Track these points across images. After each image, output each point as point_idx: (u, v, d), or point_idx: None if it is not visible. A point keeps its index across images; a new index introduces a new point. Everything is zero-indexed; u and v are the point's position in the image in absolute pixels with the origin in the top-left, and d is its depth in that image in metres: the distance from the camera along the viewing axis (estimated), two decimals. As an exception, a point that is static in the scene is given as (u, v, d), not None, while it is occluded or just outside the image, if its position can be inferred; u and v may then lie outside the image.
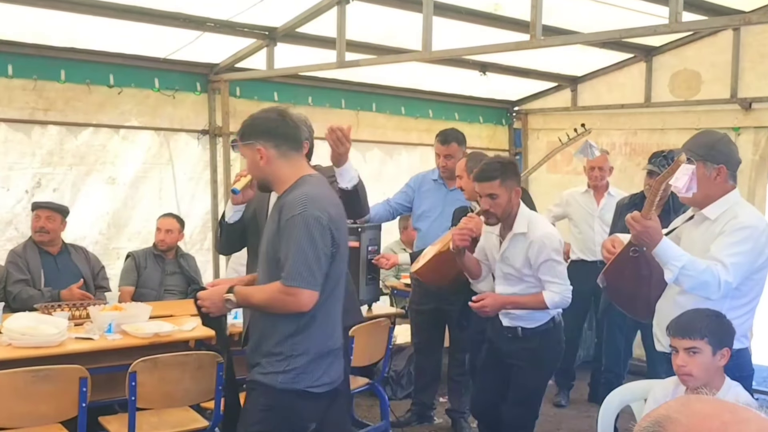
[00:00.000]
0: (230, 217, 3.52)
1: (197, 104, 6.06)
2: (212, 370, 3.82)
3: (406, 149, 7.28)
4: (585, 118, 5.36)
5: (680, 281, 2.86)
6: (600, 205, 5.87)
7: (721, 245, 2.92)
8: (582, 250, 5.90)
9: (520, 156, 8.02)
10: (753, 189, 6.07)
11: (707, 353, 2.69)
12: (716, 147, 3.10)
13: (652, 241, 2.85)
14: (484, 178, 3.75)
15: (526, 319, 3.96)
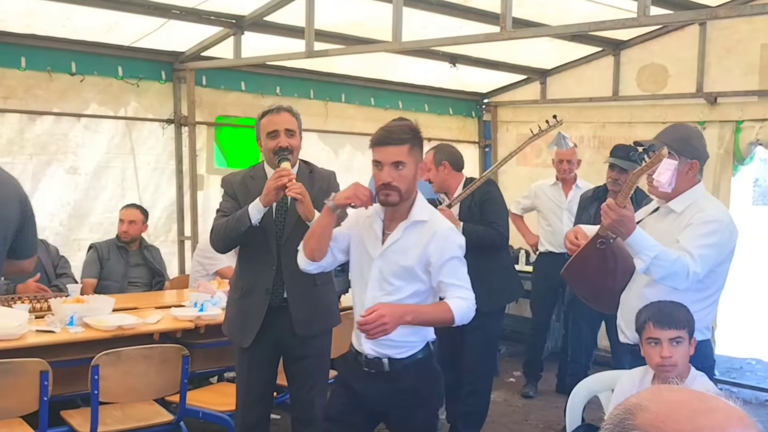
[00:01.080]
0: (257, 219, 3.40)
1: (162, 93, 6.00)
2: (177, 363, 3.79)
3: (374, 141, 7.26)
4: (554, 110, 5.40)
5: (651, 271, 2.89)
6: (568, 198, 5.93)
7: (690, 237, 2.96)
8: (550, 242, 5.95)
9: (489, 148, 8.06)
10: (717, 183, 6.16)
11: (686, 342, 2.76)
12: (691, 142, 3.13)
13: (627, 230, 2.88)
14: (392, 140, 2.85)
15: (397, 345, 2.94)
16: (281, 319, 3.50)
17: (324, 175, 3.60)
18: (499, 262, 4.56)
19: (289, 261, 3.38)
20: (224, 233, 3.45)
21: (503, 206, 4.59)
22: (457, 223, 4.39)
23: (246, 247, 3.58)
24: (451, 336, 4.64)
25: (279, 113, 3.44)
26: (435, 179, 4.53)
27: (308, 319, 3.53)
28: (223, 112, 6.29)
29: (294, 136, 3.44)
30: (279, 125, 3.42)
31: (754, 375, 6.94)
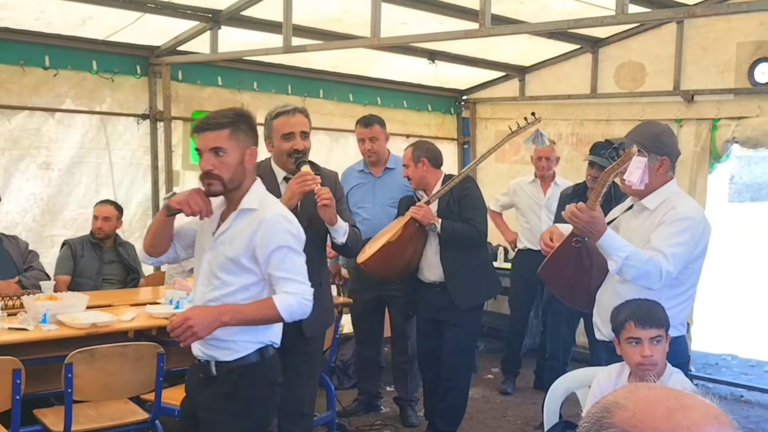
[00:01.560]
0: None
1: (137, 88, 5.94)
2: (152, 361, 3.76)
3: (353, 136, 7.23)
4: (533, 107, 5.42)
5: (624, 272, 2.92)
6: (547, 195, 5.96)
7: (662, 236, 2.99)
8: (529, 239, 5.98)
9: (468, 145, 8.09)
10: (694, 180, 6.22)
11: (665, 341, 2.77)
12: (661, 138, 3.16)
13: (597, 233, 2.90)
14: (209, 126, 2.75)
15: (224, 346, 2.76)
16: (290, 323, 3.48)
17: (330, 176, 3.61)
18: (478, 259, 4.58)
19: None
20: None
21: (482, 203, 4.61)
22: (436, 219, 4.41)
23: None
24: (429, 332, 4.66)
25: (294, 115, 3.45)
26: (413, 176, 4.54)
27: (315, 320, 3.53)
28: (199, 107, 6.25)
29: (308, 138, 3.47)
30: (295, 127, 3.43)
31: (730, 371, 7.01)
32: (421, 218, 4.42)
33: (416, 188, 4.60)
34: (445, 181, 4.51)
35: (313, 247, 3.51)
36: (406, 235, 4.43)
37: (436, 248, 4.49)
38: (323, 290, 3.64)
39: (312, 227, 3.47)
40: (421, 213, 4.42)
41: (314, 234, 3.49)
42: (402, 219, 4.53)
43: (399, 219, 4.59)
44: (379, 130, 5.11)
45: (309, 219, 3.44)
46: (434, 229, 4.43)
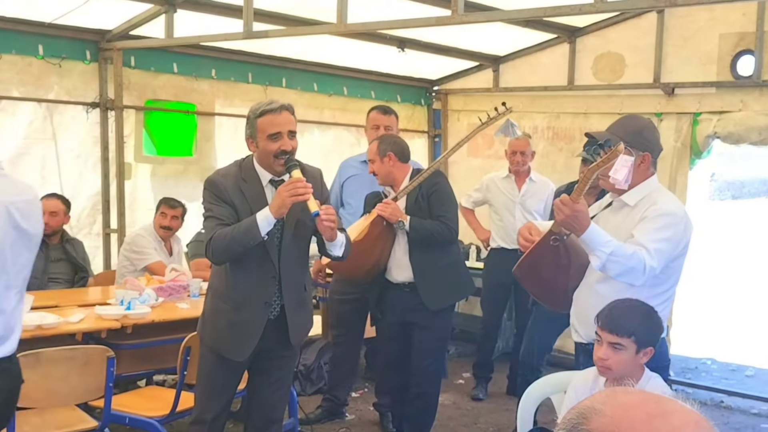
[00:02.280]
0: (267, 232, 3.35)
1: (86, 74, 5.87)
2: (101, 365, 3.72)
3: (318, 128, 7.27)
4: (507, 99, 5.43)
5: (608, 268, 2.94)
6: (521, 191, 5.98)
7: (644, 231, 3.02)
8: (502, 238, 6.01)
9: (439, 138, 8.11)
10: (674, 176, 6.29)
11: (630, 351, 2.76)
12: (643, 134, 3.19)
13: (581, 227, 2.93)
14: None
15: None
16: (275, 330, 3.53)
17: (315, 175, 3.58)
18: (449, 258, 4.58)
19: (288, 271, 3.46)
20: (229, 246, 3.36)
21: (452, 199, 4.61)
22: (404, 216, 4.41)
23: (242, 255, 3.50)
24: (397, 336, 4.66)
25: (281, 113, 3.39)
26: (379, 171, 4.53)
27: (302, 326, 3.64)
28: (153, 95, 6.21)
29: (295, 137, 3.43)
30: (282, 126, 3.38)
31: (710, 375, 7.11)
32: (388, 216, 4.41)
33: (383, 184, 4.59)
34: (414, 176, 4.51)
35: (298, 252, 3.54)
36: (373, 233, 4.43)
37: (404, 247, 4.49)
38: (307, 295, 3.67)
39: (298, 232, 3.49)
40: (388, 210, 4.41)
41: (299, 239, 3.52)
42: (368, 217, 4.52)
43: (365, 217, 4.58)
44: (396, 122, 5.21)
45: (295, 224, 3.44)
46: (402, 227, 4.43)
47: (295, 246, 3.50)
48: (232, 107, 6.61)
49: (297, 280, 3.54)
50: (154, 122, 6.35)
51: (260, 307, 3.48)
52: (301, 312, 3.60)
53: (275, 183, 3.45)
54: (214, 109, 6.59)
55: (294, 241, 3.48)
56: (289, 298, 3.52)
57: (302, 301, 3.61)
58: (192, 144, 6.53)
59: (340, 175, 5.42)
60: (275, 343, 3.56)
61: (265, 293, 3.47)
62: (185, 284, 5.00)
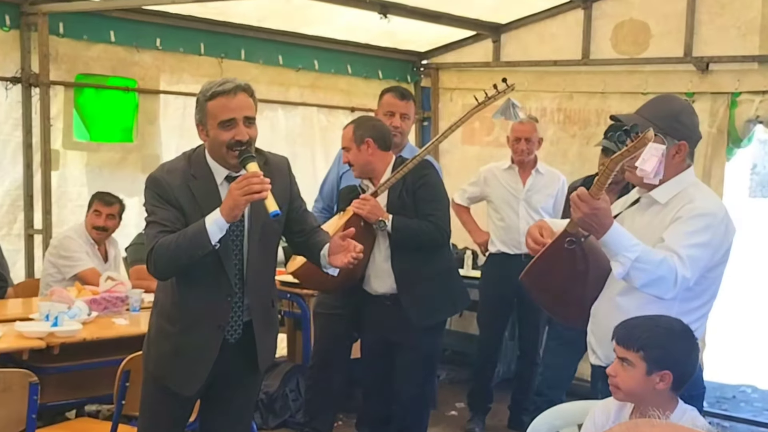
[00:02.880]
0: (218, 239, 3.29)
1: (5, 44, 5.83)
2: (22, 392, 3.70)
3: (283, 109, 7.26)
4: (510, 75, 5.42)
5: (632, 276, 2.91)
6: (526, 185, 5.98)
7: (677, 234, 3.00)
8: (503, 241, 6.00)
9: (428, 121, 8.11)
10: (708, 168, 6.29)
11: (639, 370, 2.74)
12: (680, 118, 3.17)
13: (601, 227, 2.90)
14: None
15: None
16: (238, 353, 3.50)
17: (280, 166, 3.56)
18: (438, 264, 4.57)
19: (254, 286, 3.45)
20: (173, 258, 3.30)
21: (443, 194, 4.60)
22: (385, 215, 4.39)
23: (192, 267, 3.42)
24: (378, 357, 4.64)
25: (235, 95, 3.31)
26: (356, 161, 4.51)
27: (270, 350, 3.67)
28: (85, 69, 6.17)
29: (253, 124, 3.37)
30: (236, 112, 3.30)
31: (750, 406, 7.13)
32: (366, 214, 4.40)
33: (360, 176, 4.58)
34: (397, 167, 4.50)
35: (265, 262, 3.53)
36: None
37: (385, 252, 4.49)
38: (275, 311, 3.67)
39: (265, 240, 3.47)
40: (366, 208, 4.40)
41: (267, 247, 3.51)
42: (342, 215, 4.51)
43: (339, 215, 4.57)
44: (414, 108, 5.23)
45: (261, 229, 3.42)
46: (383, 227, 4.42)
47: (262, 256, 3.49)
48: (180, 84, 6.58)
49: (264, 295, 3.53)
50: (87, 101, 6.32)
51: (212, 331, 3.43)
52: (269, 332, 3.62)
53: (232, 180, 3.37)
54: (159, 86, 6.55)
55: (261, 250, 3.47)
56: (256, 316, 3.50)
57: (270, 319, 3.62)
58: (132, 127, 6.50)
59: (338, 165, 5.36)
60: (236, 368, 3.54)
61: (218, 314, 3.43)
62: (123, 295, 4.97)
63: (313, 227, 3.69)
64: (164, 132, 6.57)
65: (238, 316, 3.47)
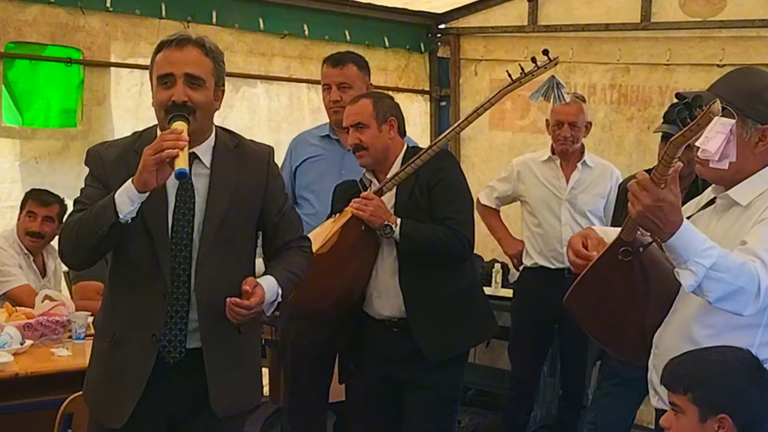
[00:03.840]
0: (128, 213, 3.28)
1: None
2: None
3: (265, 85, 7.26)
4: (550, 44, 5.37)
5: (705, 288, 2.84)
6: (570, 182, 5.96)
7: (760, 237, 2.93)
8: (541, 252, 5.98)
9: (446, 101, 8.08)
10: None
11: (691, 417, 2.72)
12: (763, 96, 3.12)
13: (668, 225, 2.82)
14: None
15: None
16: (188, 385, 3.46)
17: (256, 156, 3.57)
18: (459, 281, 4.54)
19: (207, 300, 3.40)
20: (79, 235, 3.35)
21: (466, 193, 4.56)
22: (392, 219, 4.34)
23: (121, 262, 3.48)
24: (381, 400, 4.60)
25: (180, 48, 3.37)
26: (373, 144, 4.46)
27: (234, 389, 3.52)
28: (17, 36, 6.17)
29: (202, 87, 3.39)
30: (176, 67, 3.35)
31: None
32: (368, 217, 4.36)
33: (371, 165, 4.54)
34: (408, 158, 4.46)
35: (225, 264, 3.48)
36: (345, 244, 4.39)
37: (392, 265, 4.45)
38: (249, 344, 3.59)
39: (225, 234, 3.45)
40: (368, 209, 4.35)
41: (227, 244, 3.48)
42: (338, 219, 4.46)
43: (334, 218, 4.53)
44: (357, 73, 5.13)
45: (220, 221, 3.42)
46: (389, 233, 4.37)
47: (220, 258, 3.43)
48: (135, 55, 6.58)
49: (223, 314, 3.43)
50: (19, 76, 6.32)
51: (145, 342, 3.39)
52: (233, 367, 3.53)
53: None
54: (109, 57, 6.55)
55: (218, 250, 3.43)
56: (209, 340, 3.45)
57: (234, 349, 3.54)
58: (75, 108, 6.50)
59: (291, 158, 5.36)
60: (191, 410, 3.50)
61: (151, 320, 3.40)
62: (64, 319, 4.96)
63: (285, 242, 3.66)
64: (116, 114, 6.56)
65: (178, 328, 3.42)
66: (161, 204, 3.39)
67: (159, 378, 3.40)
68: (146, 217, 3.35)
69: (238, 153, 3.52)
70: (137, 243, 3.37)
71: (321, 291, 4.39)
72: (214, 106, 3.47)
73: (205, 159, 3.44)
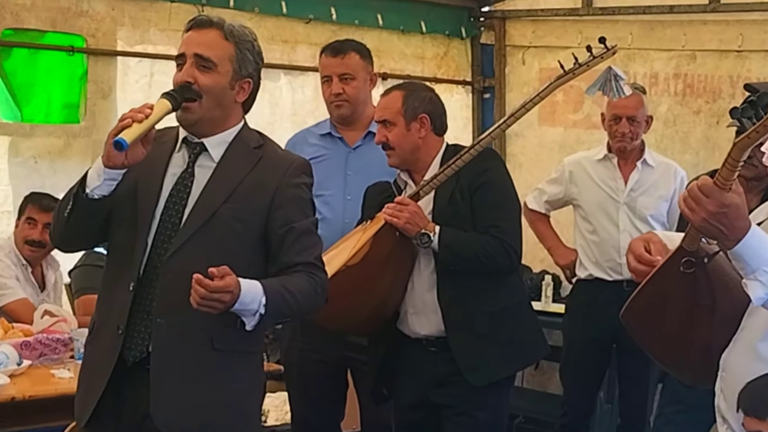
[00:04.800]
0: (96, 189, 3.36)
1: None
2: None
3: (288, 76, 7.30)
4: (607, 28, 5.36)
5: None
6: (629, 183, 5.96)
7: None
8: (597, 262, 5.97)
9: (490, 92, 8.08)
10: None
11: None
12: None
13: (733, 231, 2.82)
14: None
15: None
16: (141, 387, 3.44)
17: (277, 162, 3.58)
18: (504, 296, 4.54)
19: (171, 283, 3.38)
20: (57, 211, 3.53)
21: (513, 197, 4.57)
22: (430, 226, 4.36)
23: (109, 249, 3.62)
24: (422, 424, 4.62)
25: (199, 29, 3.48)
26: (400, 143, 4.48)
27: (178, 404, 3.46)
28: (14, 22, 6.22)
29: (212, 70, 3.44)
30: (189, 47, 3.45)
31: None
32: (403, 224, 4.36)
33: (400, 166, 4.56)
34: (448, 158, 4.48)
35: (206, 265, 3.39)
36: (377, 254, 4.40)
37: (429, 278, 4.47)
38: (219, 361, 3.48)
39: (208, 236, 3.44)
40: (403, 215, 4.36)
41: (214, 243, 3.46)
42: (369, 226, 4.48)
43: (365, 225, 4.55)
44: (359, 62, 5.11)
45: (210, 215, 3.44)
46: (427, 242, 4.38)
47: (201, 251, 3.41)
48: (144, 42, 6.63)
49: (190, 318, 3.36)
50: (17, 67, 6.36)
51: (112, 335, 3.42)
52: (185, 373, 3.45)
53: (191, 144, 3.52)
54: (116, 45, 6.59)
55: (201, 241, 3.44)
56: (162, 333, 3.41)
57: (198, 356, 3.47)
58: (78, 103, 6.54)
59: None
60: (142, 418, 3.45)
61: (119, 311, 3.43)
62: (66, 337, 4.98)
63: (291, 263, 3.54)
64: (123, 109, 6.40)
65: (144, 324, 3.42)
66: (154, 191, 3.46)
67: (121, 377, 3.42)
68: (138, 204, 3.42)
69: (257, 153, 3.55)
70: (123, 229, 3.44)
71: (350, 307, 4.41)
72: (228, 96, 3.50)
73: (214, 152, 3.49)
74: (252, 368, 3.68)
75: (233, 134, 3.55)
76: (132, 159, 3.32)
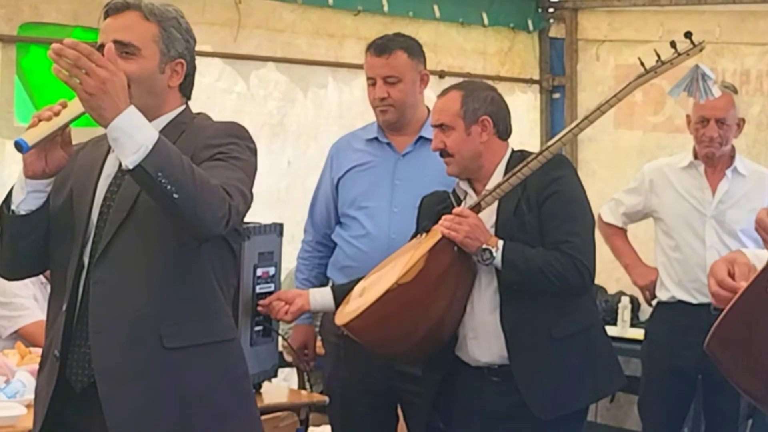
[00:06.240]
0: (21, 204, 3.37)
1: None
2: None
3: (335, 75, 7.33)
4: (691, 20, 5.35)
5: None
6: (717, 194, 5.93)
7: None
8: (680, 283, 5.94)
9: (560, 92, 8.08)
10: None
11: None
12: None
13: None
14: None
15: None
16: (88, 417, 3.43)
17: (204, 127, 3.53)
18: (575, 320, 4.55)
19: (105, 291, 3.36)
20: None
21: (585, 209, 4.57)
22: (493, 241, 4.36)
23: (51, 271, 3.62)
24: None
25: (116, 14, 3.45)
26: (459, 149, 4.49)
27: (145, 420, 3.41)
28: (33, 16, 6.30)
29: (135, 56, 3.40)
30: (107, 35, 3.41)
31: None
32: (462, 239, 4.37)
33: (460, 174, 4.58)
34: (513, 165, 4.48)
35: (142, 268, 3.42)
36: (433, 272, 4.40)
37: (491, 299, 4.48)
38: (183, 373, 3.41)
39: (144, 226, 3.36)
40: (463, 228, 4.37)
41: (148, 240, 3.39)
42: (425, 240, 4.49)
43: (419, 239, 4.56)
44: (406, 62, 5.14)
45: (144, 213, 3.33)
46: (489, 260, 4.39)
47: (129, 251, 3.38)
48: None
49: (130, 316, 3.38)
50: (36, 65, 6.43)
51: (52, 361, 3.45)
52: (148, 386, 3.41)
53: None
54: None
55: (127, 238, 3.38)
56: (104, 359, 3.38)
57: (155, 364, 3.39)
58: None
59: (332, 168, 5.40)
60: None
61: (54, 335, 3.45)
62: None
63: None
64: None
65: (87, 345, 3.40)
66: (88, 198, 3.43)
67: (63, 405, 3.44)
68: (74, 214, 3.42)
69: (181, 128, 3.49)
70: (63, 244, 3.43)
71: (403, 330, 4.42)
72: (159, 81, 3.45)
73: None
74: (220, 360, 3.55)
75: (167, 120, 3.48)
76: (52, 165, 3.30)
